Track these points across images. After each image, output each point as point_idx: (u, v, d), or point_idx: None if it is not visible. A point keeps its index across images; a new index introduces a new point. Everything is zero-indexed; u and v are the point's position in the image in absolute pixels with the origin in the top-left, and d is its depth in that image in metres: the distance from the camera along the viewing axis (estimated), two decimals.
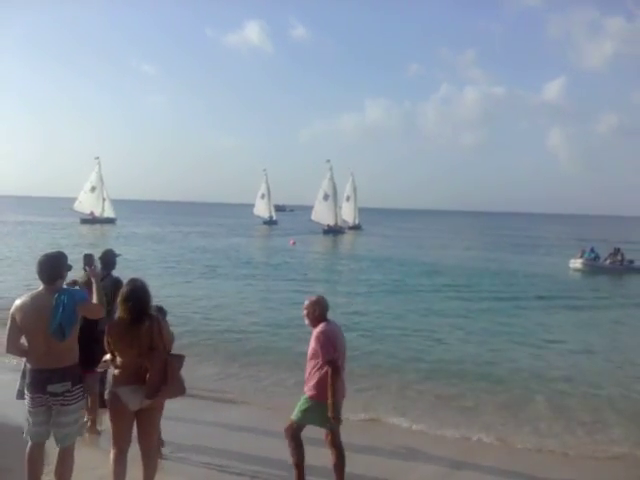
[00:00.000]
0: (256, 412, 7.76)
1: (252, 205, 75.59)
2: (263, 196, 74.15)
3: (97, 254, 6.95)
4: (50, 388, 4.07)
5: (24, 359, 4.41)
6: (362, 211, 72.21)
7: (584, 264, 30.56)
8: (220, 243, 42.09)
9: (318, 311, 4.97)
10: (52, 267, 4.23)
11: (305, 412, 4.90)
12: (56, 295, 4.11)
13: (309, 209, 64.15)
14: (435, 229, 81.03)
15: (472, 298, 19.43)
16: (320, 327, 4.90)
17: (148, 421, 4.36)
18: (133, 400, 4.22)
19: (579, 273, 29.78)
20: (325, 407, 4.73)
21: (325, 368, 4.76)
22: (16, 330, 4.13)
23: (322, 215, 60.39)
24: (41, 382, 4.09)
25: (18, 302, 4.16)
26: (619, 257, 30.36)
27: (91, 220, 59.11)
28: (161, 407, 4.44)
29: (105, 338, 4.33)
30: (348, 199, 66.77)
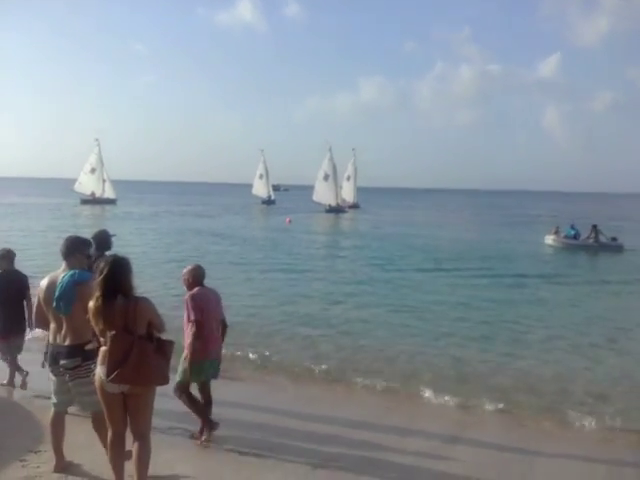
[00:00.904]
0: (250, 387, 7.83)
1: (251, 185, 75.45)
2: (261, 176, 73.83)
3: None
4: (62, 363, 4.38)
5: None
6: (359, 190, 71.98)
7: (555, 240, 30.28)
8: (216, 223, 42.02)
9: (192, 279, 5.42)
10: (66, 247, 4.57)
11: (184, 371, 5.39)
12: (62, 275, 4.42)
13: (304, 188, 64.30)
14: (430, 208, 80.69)
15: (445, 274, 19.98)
16: (190, 292, 5.37)
17: (134, 405, 4.10)
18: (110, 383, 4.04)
19: (552, 249, 29.46)
20: (199, 365, 5.31)
21: (192, 328, 5.24)
22: (40, 306, 4.53)
23: (323, 195, 60.46)
24: (54, 356, 4.43)
25: (44, 281, 4.50)
26: (592, 235, 29.12)
27: (92, 201, 58.96)
28: (147, 392, 4.09)
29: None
30: (349, 178, 66.70)
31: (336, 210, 58.36)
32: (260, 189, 74.38)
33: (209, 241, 28.86)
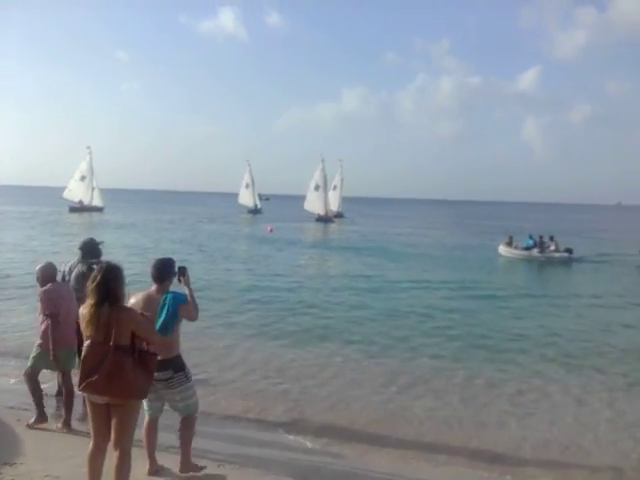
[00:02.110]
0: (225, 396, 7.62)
1: (236, 194, 75.57)
2: (247, 186, 74.12)
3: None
4: (158, 375, 4.42)
5: None
6: (344, 200, 72.28)
7: (504, 250, 29.60)
8: (203, 231, 41.73)
9: (42, 277, 5.80)
10: (162, 269, 4.66)
11: (35, 359, 5.77)
12: (163, 296, 4.50)
13: (286, 197, 64.52)
14: (411, 218, 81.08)
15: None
16: (43, 287, 5.74)
17: (117, 417, 3.98)
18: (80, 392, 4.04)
19: (503, 259, 28.72)
20: (49, 353, 5.59)
21: (47, 321, 5.62)
22: None
23: (313, 204, 61.62)
24: None
25: (132, 300, 4.56)
26: (538, 247, 28.17)
27: (79, 208, 58.46)
28: (129, 405, 3.97)
29: None
30: (335, 188, 67.24)
31: (325, 220, 59.39)
32: (246, 198, 74.58)
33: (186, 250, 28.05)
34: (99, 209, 59.80)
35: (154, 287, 4.64)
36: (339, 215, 66.15)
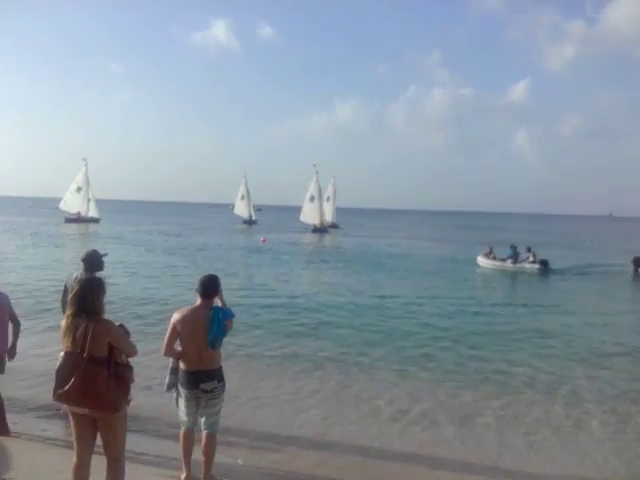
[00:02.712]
0: None
1: (230, 204, 76.29)
2: (243, 197, 74.84)
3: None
4: (202, 386, 4.67)
5: (171, 358, 4.89)
6: (337, 211, 72.79)
7: (482, 261, 29.59)
8: (196, 242, 41.68)
9: None
10: (209, 286, 4.78)
11: None
12: (212, 311, 4.68)
13: (279, 209, 65.06)
14: (402, 229, 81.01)
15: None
16: None
17: (103, 428, 3.95)
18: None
19: (481, 270, 28.57)
20: None
21: None
22: (174, 337, 4.71)
23: (309, 215, 62.73)
24: (195, 381, 4.69)
25: (179, 315, 4.71)
26: (511, 257, 28.25)
27: (76, 219, 58.37)
28: (112, 418, 3.92)
29: None
30: (328, 199, 68.28)
31: (320, 230, 60.38)
32: (241, 209, 75.28)
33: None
34: (95, 220, 59.82)
35: (199, 302, 4.78)
36: (334, 226, 67.07)
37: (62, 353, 3.92)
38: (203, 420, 4.84)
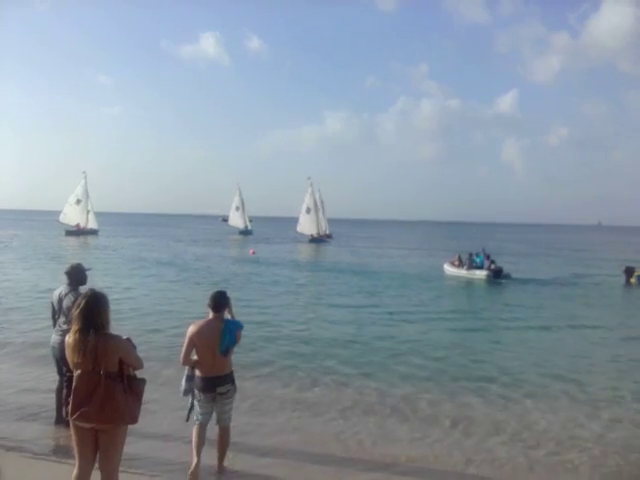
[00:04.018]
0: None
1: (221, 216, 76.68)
2: (237, 208, 75.74)
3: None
4: (219, 389, 5.25)
5: (187, 367, 5.35)
6: (329, 222, 73.60)
7: (446, 269, 30.08)
8: (190, 253, 42.15)
9: None
10: (218, 300, 5.30)
11: None
12: (224, 323, 5.23)
13: (271, 220, 65.73)
14: (390, 239, 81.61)
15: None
16: None
17: (104, 443, 3.94)
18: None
19: (446, 278, 28.78)
20: None
21: None
22: (191, 348, 5.18)
23: (306, 227, 64.21)
24: (212, 385, 5.24)
25: (195, 327, 5.19)
26: (464, 264, 28.65)
27: (76, 232, 58.89)
28: (116, 431, 3.94)
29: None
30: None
31: (317, 240, 61.72)
32: (236, 220, 76.29)
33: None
34: (94, 232, 60.47)
35: (212, 315, 5.28)
36: (328, 236, 67.96)
37: (77, 373, 3.92)
38: (218, 417, 5.41)
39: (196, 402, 5.34)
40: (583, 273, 32.90)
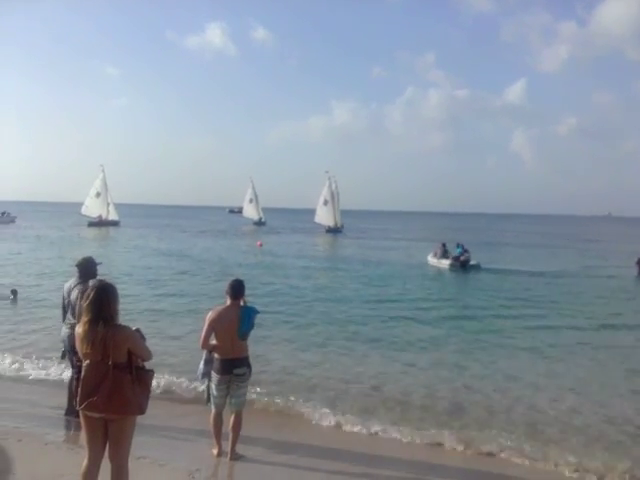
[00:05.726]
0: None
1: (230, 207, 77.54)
2: (251, 200, 77.41)
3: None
4: (236, 371, 5.46)
5: (205, 351, 5.59)
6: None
7: (429, 259, 30.72)
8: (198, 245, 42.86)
9: None
10: (237, 289, 5.56)
11: None
12: (242, 309, 5.52)
13: (281, 211, 66.49)
14: (401, 230, 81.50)
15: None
16: None
17: (113, 434, 3.97)
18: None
19: (428, 268, 29.40)
20: None
21: None
22: (210, 332, 5.42)
23: (323, 218, 66.14)
24: (229, 367, 5.46)
25: (214, 313, 5.45)
26: (438, 254, 29.65)
27: (98, 223, 60.34)
28: (125, 421, 3.95)
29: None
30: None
31: (334, 230, 63.38)
32: (250, 212, 78.15)
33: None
34: (115, 223, 62.11)
35: (229, 302, 5.52)
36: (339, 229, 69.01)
37: (86, 362, 3.93)
38: (232, 401, 5.55)
39: (212, 385, 5.56)
40: (594, 265, 32.60)
